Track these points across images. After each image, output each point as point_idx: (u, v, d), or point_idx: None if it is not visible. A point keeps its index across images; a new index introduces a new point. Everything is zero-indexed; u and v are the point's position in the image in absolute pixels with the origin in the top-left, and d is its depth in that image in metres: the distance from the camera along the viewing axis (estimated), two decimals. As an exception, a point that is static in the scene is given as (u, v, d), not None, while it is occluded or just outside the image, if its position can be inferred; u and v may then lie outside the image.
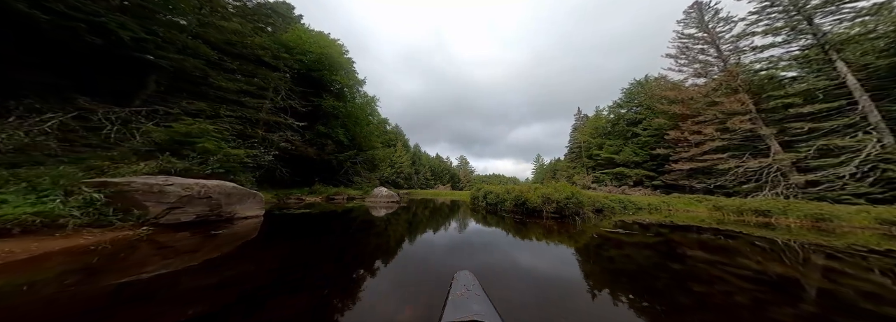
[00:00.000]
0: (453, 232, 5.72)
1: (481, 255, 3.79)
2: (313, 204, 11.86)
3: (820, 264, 3.85)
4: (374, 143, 28.38)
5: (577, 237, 5.25)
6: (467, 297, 1.87)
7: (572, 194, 7.72)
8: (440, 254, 3.87)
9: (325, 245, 4.33)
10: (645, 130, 23.51)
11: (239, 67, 11.90)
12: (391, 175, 46.84)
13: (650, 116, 23.09)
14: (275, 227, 5.56)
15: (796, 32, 13.98)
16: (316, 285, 2.51)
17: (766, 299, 2.48)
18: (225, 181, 5.73)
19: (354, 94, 25.36)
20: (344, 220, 6.90)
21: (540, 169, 71.81)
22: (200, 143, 6.75)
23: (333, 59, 21.25)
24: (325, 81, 20.53)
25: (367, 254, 3.92)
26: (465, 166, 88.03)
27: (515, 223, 6.89)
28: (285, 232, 5.19)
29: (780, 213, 9.33)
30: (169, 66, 8.50)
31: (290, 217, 7.12)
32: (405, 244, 4.48)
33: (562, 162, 54.33)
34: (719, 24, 17.63)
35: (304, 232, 5.22)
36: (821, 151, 12.92)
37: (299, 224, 6.07)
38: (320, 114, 20.00)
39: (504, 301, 2.07)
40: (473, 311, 1.61)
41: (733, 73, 16.24)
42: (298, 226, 5.81)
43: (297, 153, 16.62)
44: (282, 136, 15.25)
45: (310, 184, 17.14)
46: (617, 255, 4.08)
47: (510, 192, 9.49)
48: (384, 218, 7.95)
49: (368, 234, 5.27)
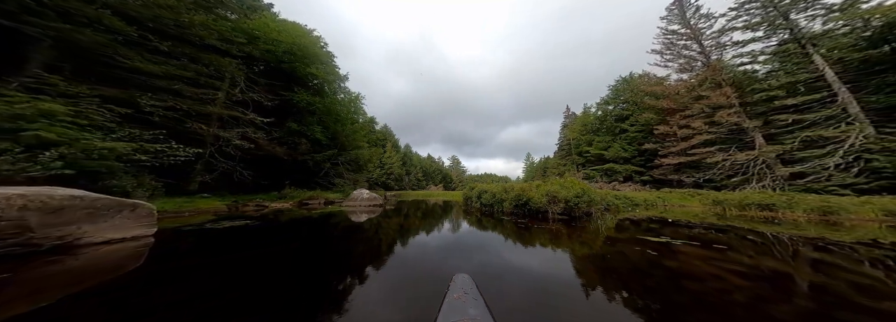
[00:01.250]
0: (441, 245, 4.40)
1: (489, 282, 2.50)
2: (280, 210, 10.07)
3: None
4: (359, 143, 26.42)
5: (605, 248, 4.12)
6: (464, 300, 1.79)
7: (583, 191, 6.70)
8: (421, 284, 2.54)
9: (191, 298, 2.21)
10: (632, 126, 23.58)
11: (173, 49, 9.81)
12: (380, 176, 44.77)
13: (637, 112, 23.20)
14: (157, 255, 3.45)
15: (774, 27, 14.19)
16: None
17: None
18: (68, 188, 3.63)
19: (335, 90, 23.40)
20: (291, 235, 5.06)
21: (530, 167, 72.40)
22: (33, 130, 4.75)
23: (308, 50, 19.27)
24: (299, 74, 18.51)
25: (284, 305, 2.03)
26: (457, 166, 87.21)
27: (518, 228, 5.70)
28: (158, 266, 3.08)
29: (786, 207, 8.94)
30: (47, 37, 6.35)
31: (211, 234, 4.90)
32: (369, 273, 3.04)
33: (552, 160, 54.83)
34: (701, 21, 17.82)
35: (195, 266, 3.10)
36: (805, 143, 13.04)
37: (211, 246, 4.02)
38: (292, 109, 17.95)
39: None
40: (469, 315, 1.55)
41: (716, 68, 16.35)
42: (205, 250, 3.82)
43: (262, 153, 14.55)
44: (241, 132, 13.17)
45: (280, 187, 15.10)
46: (714, 291, 2.44)
47: (509, 191, 8.33)
48: (354, 226, 6.45)
49: (318, 258, 3.76)
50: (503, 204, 8.39)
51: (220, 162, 12.70)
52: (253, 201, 10.78)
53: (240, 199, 12.25)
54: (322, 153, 18.79)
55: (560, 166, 36.44)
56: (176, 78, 9.81)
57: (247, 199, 11.80)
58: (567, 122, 40.87)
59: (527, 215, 7.39)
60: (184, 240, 4.53)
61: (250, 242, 4.39)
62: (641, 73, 26.23)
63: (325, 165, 19.78)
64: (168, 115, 9.54)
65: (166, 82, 9.48)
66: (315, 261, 3.46)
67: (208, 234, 4.97)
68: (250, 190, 15.05)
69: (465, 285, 2.08)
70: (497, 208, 8.93)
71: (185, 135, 10.81)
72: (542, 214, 7.00)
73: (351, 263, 3.41)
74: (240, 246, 4.13)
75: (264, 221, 6.69)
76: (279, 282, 2.67)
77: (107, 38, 7.62)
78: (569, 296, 2.30)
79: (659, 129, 19.62)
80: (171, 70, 9.39)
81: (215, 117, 12.82)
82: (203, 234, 4.98)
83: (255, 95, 14.34)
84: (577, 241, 4.53)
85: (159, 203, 7.85)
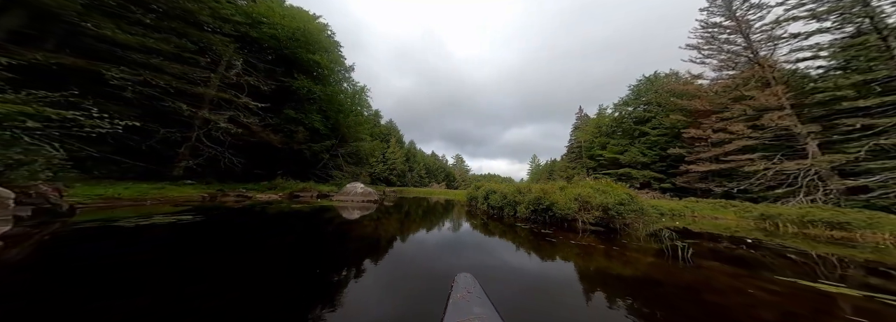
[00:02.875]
0: (438, 252, 3.09)
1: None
2: (267, 202, 8.98)
3: None
4: (361, 135, 25.33)
5: (700, 287, 2.71)
6: (468, 299, 1.75)
7: (629, 198, 5.27)
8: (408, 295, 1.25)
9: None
10: (654, 129, 21.72)
11: (158, 24, 8.71)
12: (383, 171, 43.89)
13: (661, 114, 21.30)
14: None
15: (849, 16, 12.12)
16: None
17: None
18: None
19: (339, 80, 22.33)
20: (231, 239, 3.80)
21: (536, 169, 70.55)
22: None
23: (312, 36, 18.18)
24: (301, 61, 17.43)
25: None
26: (461, 165, 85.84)
27: (539, 240, 4.34)
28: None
29: (865, 227, 7.28)
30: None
31: (112, 234, 3.57)
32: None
33: (559, 162, 52.91)
34: (750, 12, 15.80)
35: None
36: (874, 152, 11.14)
37: (59, 260, 2.61)
38: (292, 96, 16.91)
39: None
40: (475, 313, 1.53)
41: (766, 65, 14.41)
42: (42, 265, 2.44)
43: (255, 140, 13.55)
44: (231, 116, 12.14)
45: (274, 177, 14.10)
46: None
47: (524, 193, 6.94)
48: (328, 231, 5.20)
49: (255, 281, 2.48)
50: (517, 207, 7.03)
51: (208, 147, 11.73)
52: (235, 191, 9.71)
53: (227, 187, 11.25)
54: (320, 143, 17.69)
55: (568, 169, 34.62)
56: (156, 52, 8.73)
57: (232, 189, 10.78)
58: (578, 123, 38.79)
59: (547, 223, 6.02)
60: (45, 245, 3.03)
61: (134, 253, 3.15)
62: (668, 71, 24.23)
63: (324, 156, 18.71)
64: (144, 92, 8.51)
65: (144, 56, 8.40)
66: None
67: (110, 234, 3.62)
68: (241, 178, 14.09)
69: (468, 284, 2.04)
70: (507, 212, 7.57)
71: (164, 114, 9.81)
72: (569, 223, 5.61)
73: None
74: (104, 261, 2.75)
75: (215, 217, 5.51)
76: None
77: (77, 2, 6.54)
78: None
79: (689, 132, 17.73)
80: (150, 42, 8.31)
81: (207, 99, 11.83)
82: (101, 234, 3.60)
83: (252, 79, 13.30)
84: (645, 269, 3.13)
85: (118, 189, 6.82)
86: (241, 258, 3.00)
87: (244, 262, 2.88)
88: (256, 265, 2.81)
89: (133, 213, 5.33)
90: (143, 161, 9.85)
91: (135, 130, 7.10)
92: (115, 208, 5.72)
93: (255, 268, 2.72)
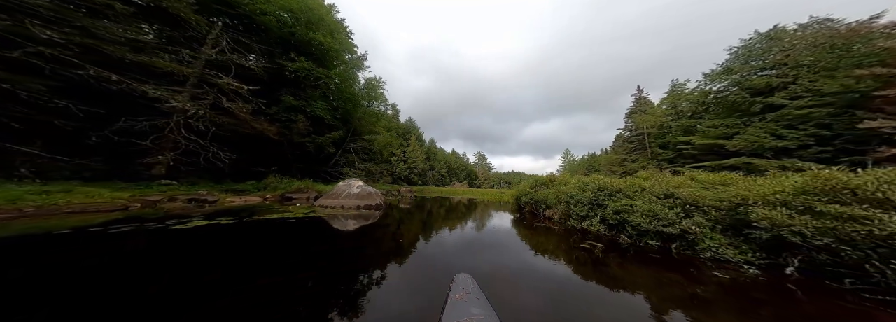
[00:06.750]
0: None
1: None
2: (249, 207, 6.50)
3: None
4: (376, 128, 22.78)
5: None
6: (466, 300, 1.70)
7: None
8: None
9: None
10: (796, 99, 15.20)
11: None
12: (404, 170, 41.68)
13: (807, 77, 15.18)
14: None
15: None
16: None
17: None
18: None
19: (349, 67, 19.92)
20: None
21: (570, 165, 64.28)
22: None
23: (313, 12, 15.72)
24: (300, 40, 15.08)
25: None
26: (484, 162, 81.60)
27: None
28: None
29: None
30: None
31: None
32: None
33: (604, 156, 46.17)
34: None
35: None
36: None
37: None
38: (293, 81, 14.66)
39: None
40: (473, 314, 1.49)
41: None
42: None
43: (244, 130, 11.33)
44: (209, 102, 9.87)
45: (265, 175, 11.88)
46: None
47: (673, 195, 3.39)
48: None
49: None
50: (659, 223, 3.59)
51: (184, 138, 9.58)
52: (195, 193, 7.27)
53: (209, 188, 9.06)
54: (326, 135, 15.24)
55: (625, 162, 28.96)
56: (94, 12, 6.39)
57: (212, 188, 8.52)
58: (635, 107, 32.45)
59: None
60: None
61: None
62: (794, 25, 17.75)
63: (330, 150, 16.25)
64: (68, 60, 6.25)
65: (55, 12, 6.04)
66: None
67: None
68: (238, 177, 12.04)
69: (466, 285, 1.98)
70: (631, 226, 4.08)
71: (117, 95, 7.61)
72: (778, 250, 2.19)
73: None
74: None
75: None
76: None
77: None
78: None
79: (886, 93, 10.73)
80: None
81: (188, 83, 9.68)
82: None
83: (237, 57, 11.02)
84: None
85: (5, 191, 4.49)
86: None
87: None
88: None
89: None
90: (99, 157, 7.82)
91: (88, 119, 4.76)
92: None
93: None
